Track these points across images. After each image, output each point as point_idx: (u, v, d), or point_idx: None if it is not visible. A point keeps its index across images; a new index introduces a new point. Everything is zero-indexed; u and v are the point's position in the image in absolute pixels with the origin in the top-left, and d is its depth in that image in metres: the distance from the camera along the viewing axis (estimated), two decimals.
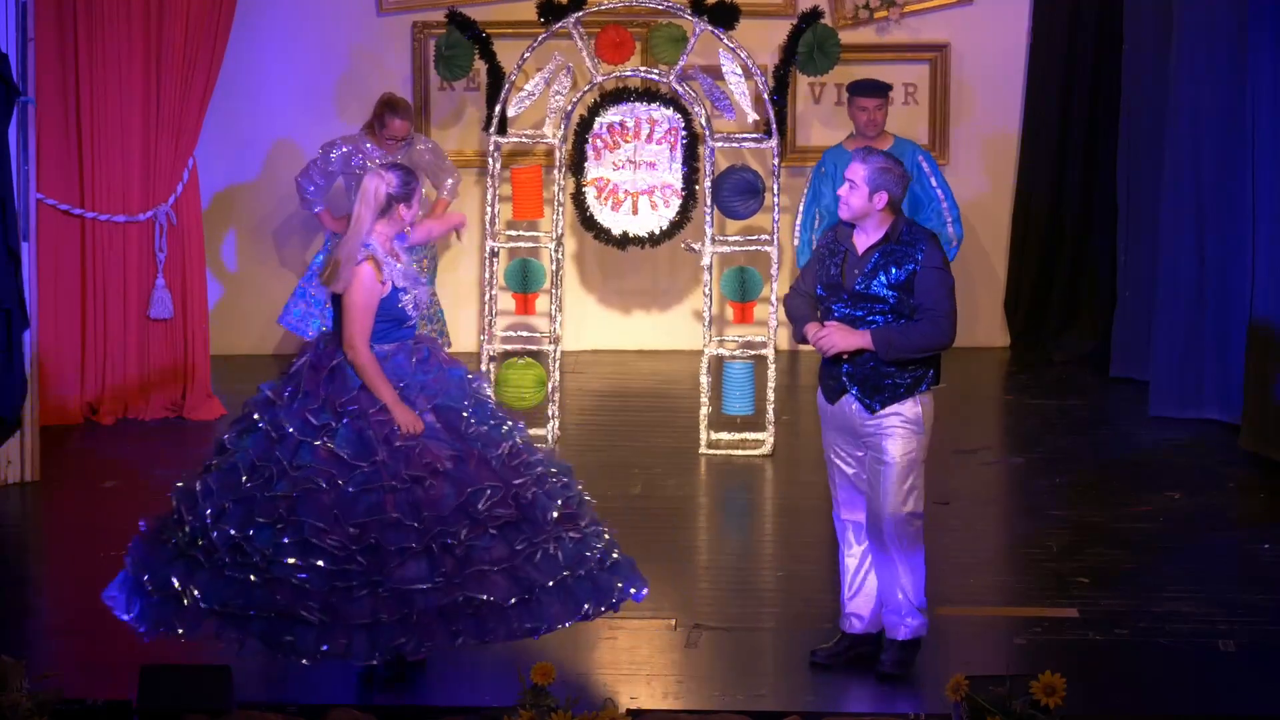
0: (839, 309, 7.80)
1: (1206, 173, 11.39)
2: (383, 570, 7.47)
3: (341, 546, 7.46)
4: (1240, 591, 8.82)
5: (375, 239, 7.75)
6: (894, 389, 7.82)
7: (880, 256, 7.76)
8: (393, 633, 7.47)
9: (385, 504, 7.52)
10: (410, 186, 7.79)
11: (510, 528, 7.64)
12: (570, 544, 7.75)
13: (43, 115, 10.73)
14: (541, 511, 7.72)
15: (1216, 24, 11.22)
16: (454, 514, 7.57)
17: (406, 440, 7.61)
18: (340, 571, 7.47)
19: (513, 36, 12.04)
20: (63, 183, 11.06)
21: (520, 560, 7.62)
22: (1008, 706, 7.00)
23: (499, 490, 7.64)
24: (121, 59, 11.07)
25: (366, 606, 7.46)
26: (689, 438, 11.08)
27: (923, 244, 7.76)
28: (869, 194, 7.73)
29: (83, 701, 7.45)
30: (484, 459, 7.71)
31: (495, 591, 7.54)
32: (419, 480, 7.57)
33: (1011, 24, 13.12)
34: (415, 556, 7.50)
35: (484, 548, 7.58)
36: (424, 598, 7.49)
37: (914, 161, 10.96)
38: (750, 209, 11.00)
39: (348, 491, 7.52)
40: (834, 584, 9.03)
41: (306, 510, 7.51)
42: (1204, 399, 11.50)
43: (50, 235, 11.03)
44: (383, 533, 7.49)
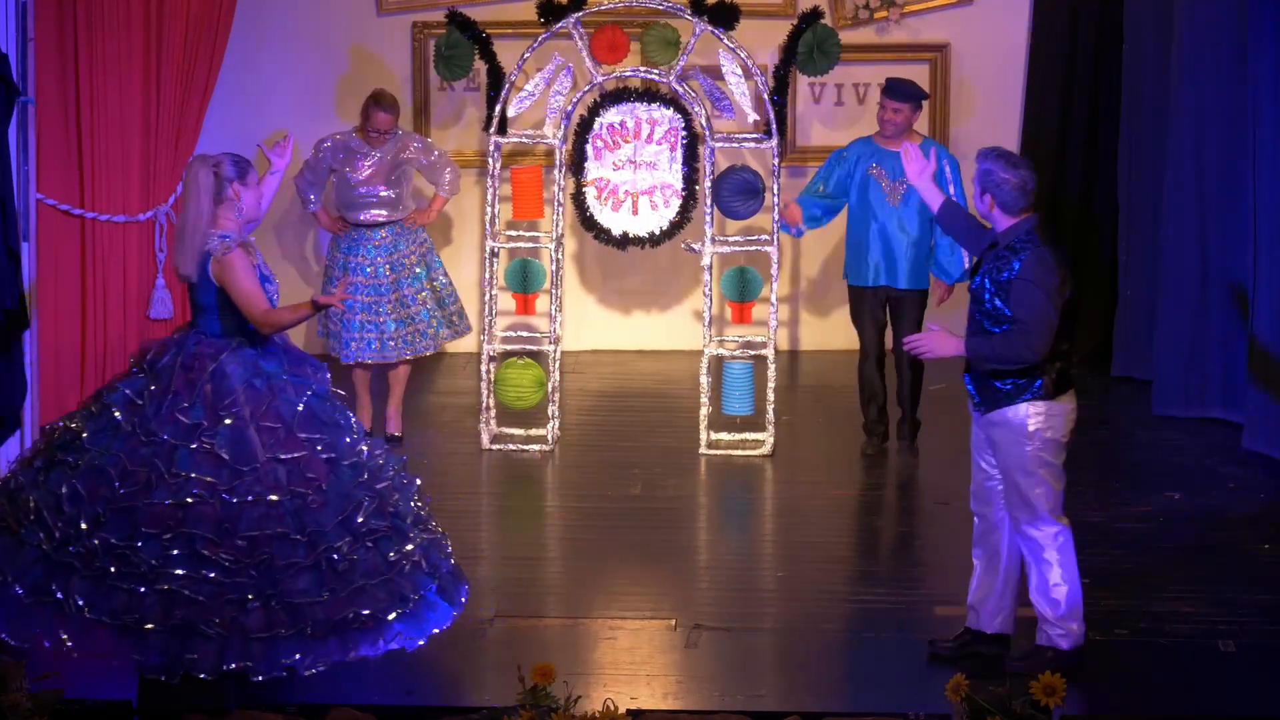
0: (970, 308, 7.94)
1: (1208, 171, 11.40)
2: (274, 584, 7.44)
3: (234, 560, 7.41)
4: (1240, 591, 8.82)
5: (231, 229, 7.78)
6: (997, 393, 7.88)
7: (989, 260, 7.87)
8: (290, 647, 7.44)
9: (272, 516, 7.48)
10: (242, 166, 7.86)
11: (384, 539, 7.65)
12: (429, 546, 7.79)
13: (43, 115, 10.72)
14: (404, 518, 7.74)
15: (1217, 24, 11.23)
16: (336, 528, 7.56)
17: (289, 453, 7.59)
18: (232, 584, 7.41)
19: (513, 36, 12.04)
20: (63, 183, 11.04)
21: (394, 574, 7.62)
22: (1008, 706, 7.00)
23: (373, 501, 7.65)
24: (121, 59, 11.05)
25: (262, 619, 7.42)
26: (689, 438, 11.07)
27: (1025, 253, 7.79)
28: (979, 193, 7.91)
29: (83, 701, 7.45)
30: (359, 465, 7.71)
31: (377, 605, 7.54)
32: (300, 494, 7.56)
33: (1011, 24, 13.12)
34: (304, 570, 7.48)
35: (364, 560, 7.58)
36: (314, 610, 7.46)
37: (938, 164, 10.70)
38: (750, 209, 11.00)
39: (233, 502, 7.47)
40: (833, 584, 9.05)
41: (195, 522, 7.43)
42: (1207, 398, 11.51)
43: (50, 235, 11.02)
44: (272, 545, 7.46)
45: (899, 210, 10.76)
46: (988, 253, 7.92)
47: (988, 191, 7.87)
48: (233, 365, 7.67)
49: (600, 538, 9.70)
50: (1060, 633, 7.91)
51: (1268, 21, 10.56)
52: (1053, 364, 7.84)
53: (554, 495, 10.65)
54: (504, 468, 10.89)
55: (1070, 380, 7.91)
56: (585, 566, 9.34)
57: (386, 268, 11.13)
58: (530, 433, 11.17)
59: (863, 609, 8.66)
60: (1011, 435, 7.85)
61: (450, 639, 8.12)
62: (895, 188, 10.75)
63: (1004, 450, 7.89)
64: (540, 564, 9.45)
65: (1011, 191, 7.85)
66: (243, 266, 7.69)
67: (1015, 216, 7.87)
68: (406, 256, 11.19)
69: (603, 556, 9.46)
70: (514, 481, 10.73)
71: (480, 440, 11.09)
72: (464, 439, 11.26)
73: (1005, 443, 7.88)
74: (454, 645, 8.16)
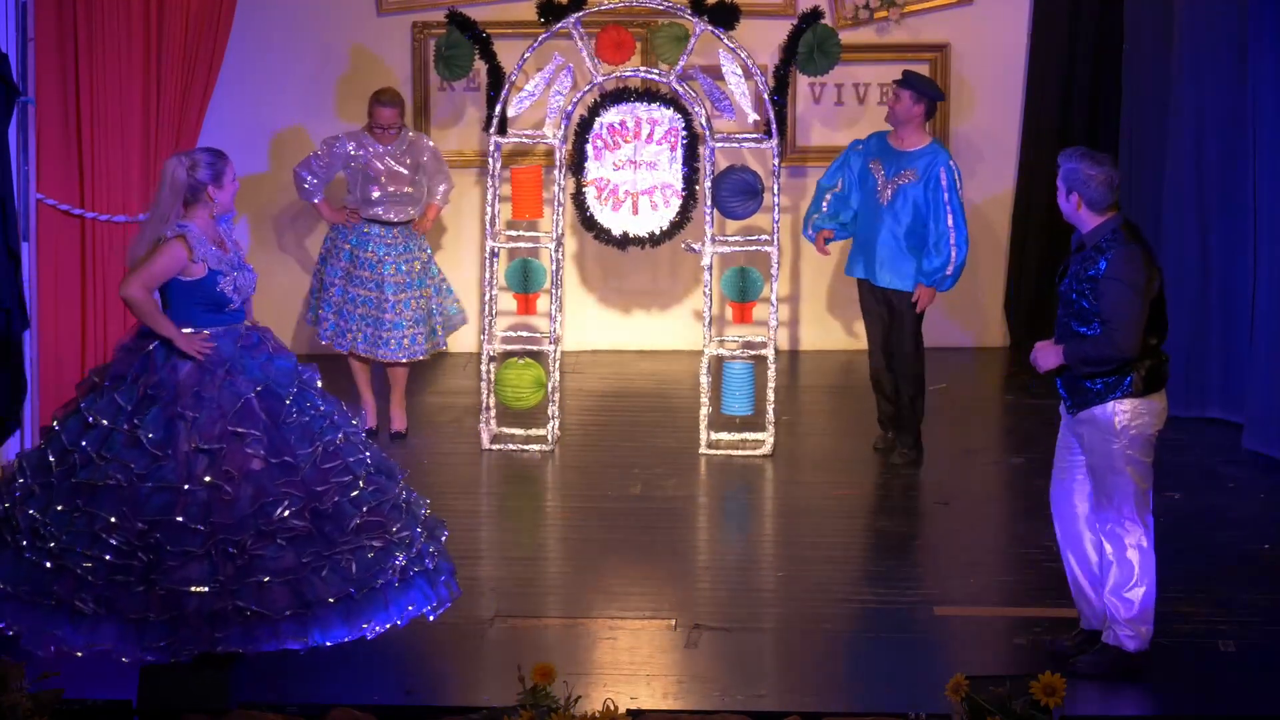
0: (1059, 309, 8.01)
1: (1208, 172, 11.40)
2: (161, 569, 7.54)
3: (126, 542, 7.56)
4: (1240, 591, 8.82)
5: (194, 223, 7.87)
6: (1087, 393, 7.92)
7: (1076, 261, 7.94)
8: (158, 632, 7.52)
9: (175, 505, 7.58)
10: (217, 168, 7.94)
11: (302, 540, 7.67)
12: (369, 554, 7.74)
13: (43, 115, 10.72)
14: (340, 521, 7.72)
15: (1217, 24, 11.22)
16: (243, 521, 7.61)
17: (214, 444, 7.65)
18: (122, 565, 7.55)
19: (513, 36, 12.04)
20: (63, 183, 11.04)
21: (307, 573, 7.64)
22: (1008, 706, 7.00)
23: (298, 500, 7.66)
24: (121, 59, 11.05)
25: (139, 602, 7.53)
26: (689, 438, 11.07)
27: (1111, 251, 7.85)
28: (1065, 192, 7.98)
29: (83, 701, 7.45)
30: (291, 465, 7.71)
31: (270, 603, 7.57)
32: (215, 486, 7.62)
33: (1011, 24, 13.11)
34: (196, 559, 7.56)
35: (270, 558, 7.61)
36: (196, 600, 7.53)
37: (934, 172, 10.57)
38: (749, 209, 11.00)
39: (144, 488, 7.61)
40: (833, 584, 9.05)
41: (101, 502, 7.61)
42: (1207, 398, 11.51)
43: (50, 235, 11.02)
44: (167, 533, 7.56)
45: (886, 210, 10.66)
46: (1074, 254, 7.98)
47: (1074, 190, 7.95)
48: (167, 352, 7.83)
49: (600, 538, 9.70)
50: (1129, 634, 7.93)
51: (1268, 21, 10.56)
52: (1143, 361, 7.89)
53: (554, 495, 10.65)
54: (504, 468, 10.89)
55: (1162, 377, 7.95)
56: (585, 566, 9.33)
57: (393, 267, 11.13)
58: (530, 433, 11.17)
59: (863, 609, 8.66)
60: (1100, 433, 7.90)
61: (450, 639, 8.13)
62: (886, 186, 10.67)
63: (1093, 448, 7.93)
64: (540, 564, 9.45)
65: (1099, 188, 7.91)
66: (169, 254, 7.82)
67: (1102, 215, 7.94)
68: (413, 260, 11.20)
69: (603, 556, 9.46)
70: (514, 481, 10.73)
71: (480, 440, 11.09)
72: (464, 439, 11.26)
73: (1094, 440, 7.92)
74: (454, 645, 8.16)
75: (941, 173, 10.58)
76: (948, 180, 10.57)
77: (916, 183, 10.56)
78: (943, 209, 10.56)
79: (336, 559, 7.69)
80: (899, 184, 10.61)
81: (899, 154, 10.65)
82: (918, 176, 10.56)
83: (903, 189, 10.61)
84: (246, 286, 7.99)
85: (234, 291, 7.91)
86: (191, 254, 7.82)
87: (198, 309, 7.89)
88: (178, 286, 7.90)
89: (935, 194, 10.57)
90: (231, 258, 7.96)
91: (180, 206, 7.92)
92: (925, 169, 10.55)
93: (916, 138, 10.65)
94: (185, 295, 7.89)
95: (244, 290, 7.97)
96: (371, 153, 11.19)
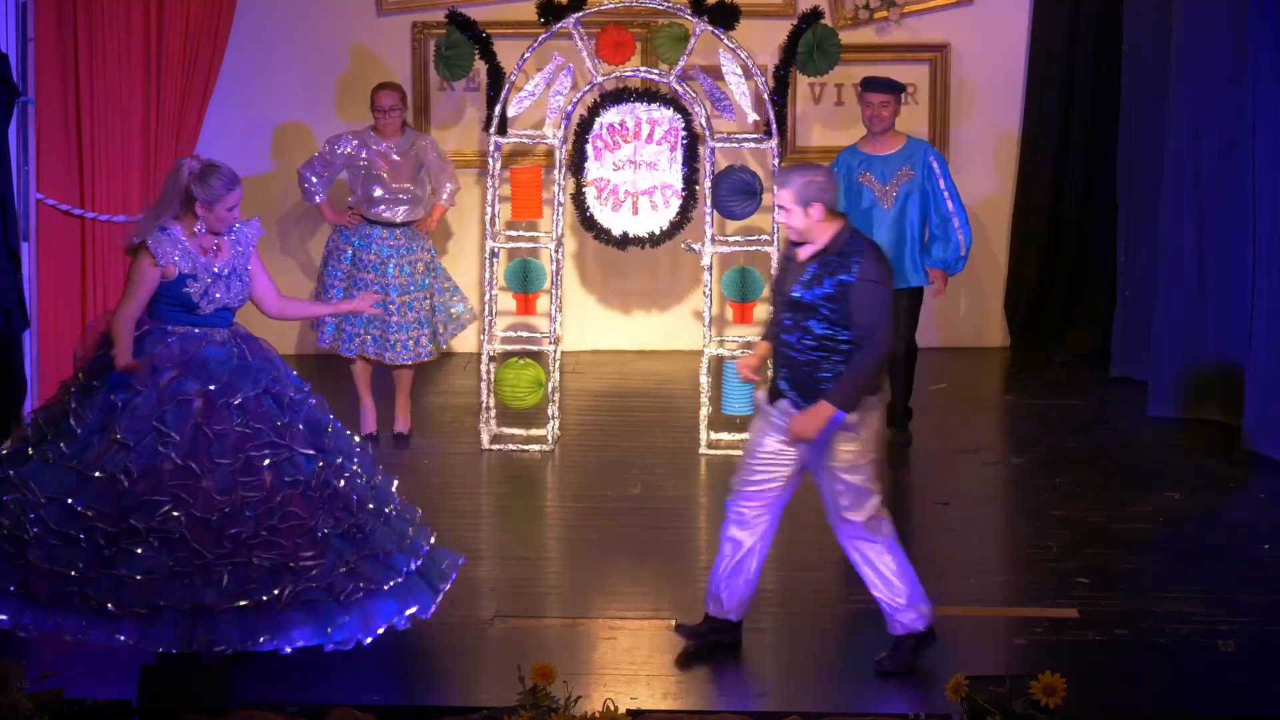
0: (782, 314, 7.91)
1: (1207, 172, 11.39)
2: (37, 545, 7.66)
3: (22, 513, 7.70)
4: (1240, 591, 8.82)
5: (179, 225, 7.97)
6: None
7: (818, 266, 7.85)
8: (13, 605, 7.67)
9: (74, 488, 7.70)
10: (215, 193, 7.97)
11: (175, 544, 7.67)
12: (249, 569, 7.71)
13: (43, 115, 10.72)
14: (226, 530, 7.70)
15: (1216, 23, 11.22)
16: (123, 513, 7.68)
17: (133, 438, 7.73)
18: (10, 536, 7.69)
19: (513, 36, 12.04)
20: (63, 183, 11.04)
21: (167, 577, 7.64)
22: (1008, 706, 7.00)
23: (184, 504, 7.67)
24: (121, 59, 11.05)
25: (9, 572, 7.67)
26: (689, 438, 11.07)
27: (859, 256, 7.81)
28: (803, 211, 7.81)
29: (83, 701, 7.45)
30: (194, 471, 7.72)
31: (120, 600, 7.61)
32: (113, 477, 7.69)
33: (1011, 24, 13.12)
34: (70, 543, 7.66)
35: (141, 556, 7.66)
36: (52, 581, 7.63)
37: (925, 163, 10.83)
38: (747, 210, 11.00)
39: (64, 469, 7.74)
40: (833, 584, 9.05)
41: (26, 474, 7.78)
42: (1204, 399, 11.50)
43: (50, 235, 11.02)
44: (55, 512, 7.68)
45: (892, 213, 10.79)
46: (807, 262, 7.86)
47: (813, 201, 7.81)
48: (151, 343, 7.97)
49: (600, 538, 9.70)
50: (915, 616, 8.00)
51: (1267, 22, 10.55)
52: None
53: (554, 495, 10.65)
54: (504, 468, 10.89)
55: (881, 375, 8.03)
56: (585, 566, 9.33)
57: (396, 269, 11.13)
58: (530, 433, 11.17)
59: (863, 609, 8.65)
60: (840, 432, 7.87)
61: (450, 639, 8.12)
62: (887, 191, 10.79)
63: (830, 449, 7.89)
64: (540, 564, 9.45)
65: (834, 191, 7.89)
66: (138, 270, 7.94)
67: (836, 220, 7.89)
68: (415, 261, 11.19)
69: (603, 556, 9.46)
70: (514, 481, 10.73)
71: (480, 440, 11.08)
72: (464, 439, 11.26)
73: (833, 440, 7.88)
74: (454, 645, 8.16)
75: (933, 162, 10.87)
76: (940, 167, 10.83)
77: (915, 179, 10.71)
78: (941, 196, 10.77)
79: (213, 568, 7.69)
80: (899, 185, 10.70)
81: (886, 158, 10.81)
82: (914, 172, 10.70)
83: (904, 189, 10.70)
84: (225, 297, 8.03)
85: (203, 298, 7.96)
86: (153, 260, 7.90)
87: (166, 306, 8.01)
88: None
89: (932, 183, 10.76)
90: (215, 265, 8.01)
91: (178, 205, 8.00)
92: (917, 163, 10.72)
93: (897, 138, 10.88)
94: (159, 291, 8.02)
95: (219, 300, 8.01)
96: (374, 151, 11.19)
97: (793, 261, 7.95)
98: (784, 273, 7.98)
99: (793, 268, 7.93)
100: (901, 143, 10.91)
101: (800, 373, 7.88)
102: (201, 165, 8.01)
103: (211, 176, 7.98)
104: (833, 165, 10.97)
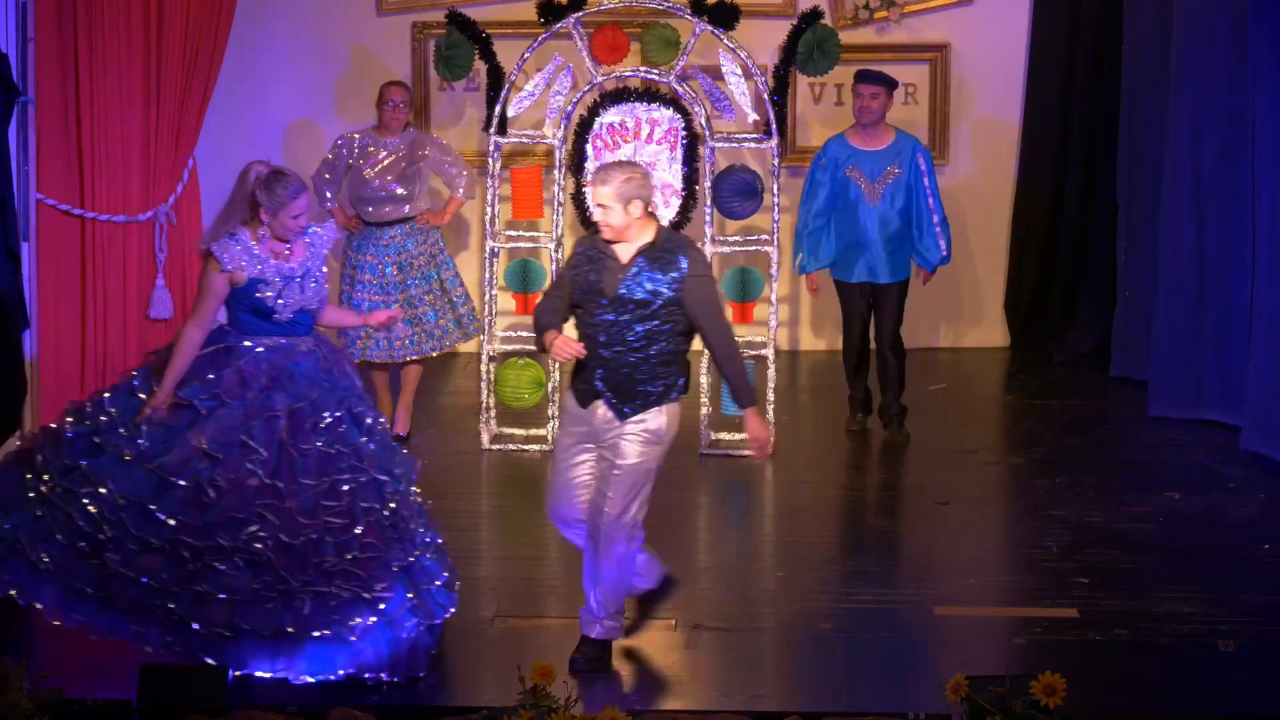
0: (600, 314, 7.83)
1: (1206, 172, 11.40)
2: (117, 548, 7.57)
3: (100, 514, 7.60)
4: (1240, 591, 8.82)
5: (246, 230, 7.87)
6: (645, 397, 7.85)
7: (645, 261, 7.81)
8: (87, 607, 7.59)
9: (157, 493, 7.60)
10: (280, 200, 7.86)
11: (259, 566, 7.61)
12: (331, 601, 7.66)
13: (43, 115, 10.71)
14: (311, 558, 7.64)
15: (1216, 24, 11.22)
16: (206, 529, 7.59)
17: (220, 450, 7.64)
18: (87, 534, 7.59)
19: (513, 36, 12.04)
20: (63, 183, 11.04)
21: (251, 600, 7.59)
22: (1008, 706, 7.00)
23: (269, 527, 7.60)
24: (121, 59, 11.05)
25: (84, 573, 7.58)
26: (689, 438, 11.06)
27: (684, 251, 7.82)
28: (624, 208, 7.77)
29: (83, 701, 7.45)
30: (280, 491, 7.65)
31: (201, 616, 7.56)
32: (200, 488, 7.60)
33: (1011, 24, 13.12)
34: (151, 551, 7.58)
35: (224, 573, 7.58)
36: (135, 590, 7.56)
37: (912, 160, 10.90)
38: (748, 210, 11.00)
39: (139, 469, 7.63)
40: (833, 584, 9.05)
41: (100, 469, 7.67)
42: (1204, 399, 11.50)
43: (50, 235, 11.02)
44: (136, 517, 7.58)
45: (879, 209, 10.86)
46: (635, 258, 7.80)
47: (635, 198, 7.75)
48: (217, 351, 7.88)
49: None
50: (616, 625, 8.01)
51: (1267, 22, 10.55)
52: (687, 364, 7.96)
53: None
54: (504, 468, 10.89)
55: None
56: None
57: (394, 268, 11.13)
58: (530, 433, 11.17)
59: (862, 609, 8.66)
60: (646, 436, 7.85)
61: (450, 639, 8.12)
62: (874, 187, 10.84)
63: (630, 451, 7.84)
64: (540, 564, 9.44)
65: (649, 188, 7.85)
66: (207, 280, 7.85)
67: (653, 219, 7.88)
68: (415, 257, 11.20)
69: None
70: (514, 481, 10.72)
71: (480, 440, 11.09)
72: (464, 439, 11.26)
73: (636, 444, 7.84)
74: (454, 645, 8.16)
75: (920, 159, 10.92)
76: (927, 164, 10.93)
77: (901, 176, 10.79)
78: (924, 192, 10.81)
79: (293, 595, 7.62)
80: (886, 181, 10.74)
81: (875, 153, 10.85)
82: (901, 170, 10.76)
83: (890, 186, 10.75)
84: (300, 300, 7.90)
85: (277, 302, 7.85)
86: (218, 266, 7.81)
87: (244, 314, 7.89)
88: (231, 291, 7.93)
89: (916, 180, 10.82)
90: (287, 268, 7.90)
91: (245, 210, 7.91)
92: (905, 161, 10.77)
93: (886, 132, 10.90)
94: (233, 299, 7.91)
95: (294, 303, 7.88)
96: (365, 151, 11.19)
97: (610, 260, 7.83)
98: (600, 273, 7.83)
99: (612, 267, 7.82)
100: (891, 138, 10.94)
101: (619, 374, 7.82)
102: (268, 171, 7.89)
103: (277, 184, 7.86)
104: (819, 155, 11.03)
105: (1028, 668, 7.60)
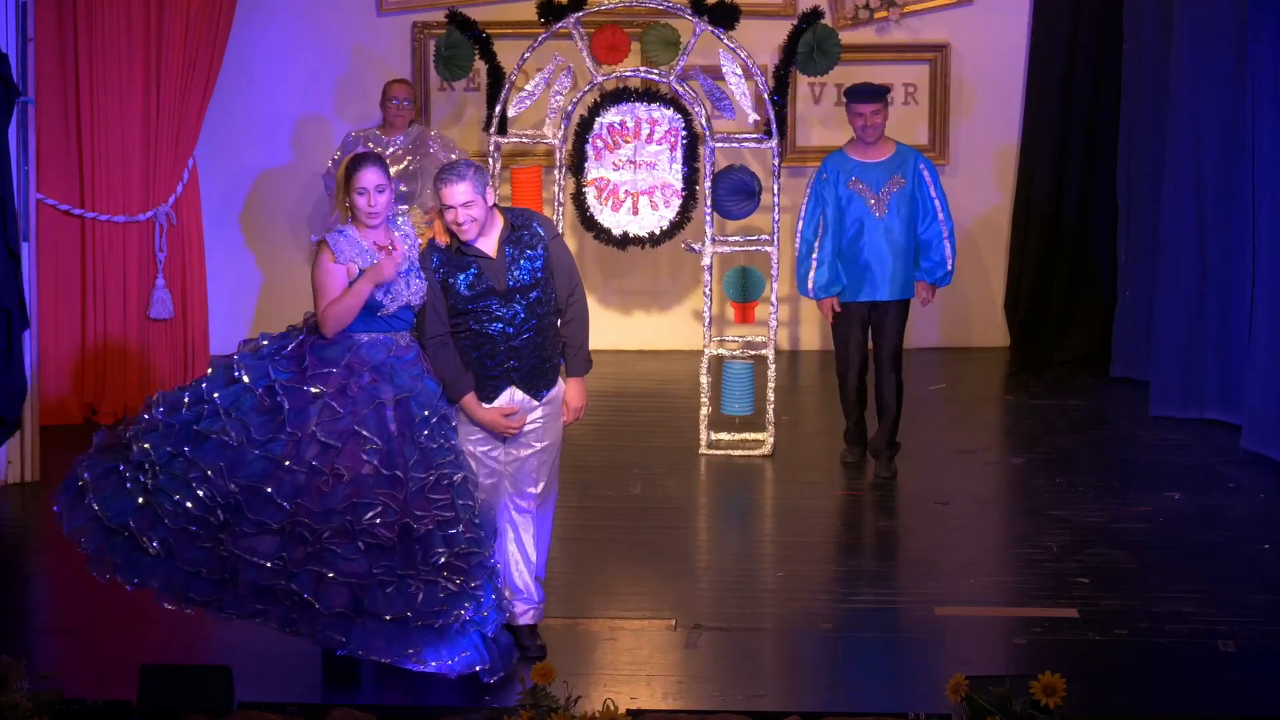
0: (498, 310, 7.85)
1: (1207, 172, 11.40)
2: (232, 531, 7.57)
3: (211, 497, 7.59)
4: (1240, 591, 8.82)
5: (352, 228, 7.84)
6: (552, 374, 8.01)
7: (512, 248, 7.87)
8: (204, 588, 7.58)
9: (271, 477, 7.60)
10: (333, 173, 7.89)
11: (382, 551, 7.62)
12: (440, 593, 7.68)
13: (43, 115, 10.73)
14: (426, 549, 7.67)
15: (1216, 24, 11.22)
16: (327, 513, 7.60)
17: (334, 439, 7.63)
18: (199, 518, 7.59)
19: (513, 36, 12.05)
20: (63, 183, 11.06)
21: (373, 584, 7.60)
22: (1008, 706, 7.00)
23: (392, 513, 7.62)
24: (121, 59, 11.07)
25: (199, 556, 7.58)
26: (689, 438, 11.07)
27: (533, 220, 7.96)
28: (483, 197, 7.81)
29: (83, 701, 7.45)
30: (399, 480, 7.67)
31: (323, 597, 7.56)
32: (318, 473, 7.61)
33: (1011, 24, 13.12)
34: (269, 533, 7.58)
35: (343, 556, 7.59)
36: (253, 571, 7.56)
37: (915, 170, 10.57)
38: (745, 210, 10.99)
39: (251, 453, 7.62)
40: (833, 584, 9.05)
41: (206, 453, 7.63)
42: (1204, 399, 11.50)
43: (50, 235, 11.03)
44: (252, 499, 7.58)
45: (885, 222, 10.53)
46: (501, 248, 7.85)
47: (486, 185, 7.83)
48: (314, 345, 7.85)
49: (600, 538, 9.70)
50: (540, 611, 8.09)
51: (1267, 23, 10.55)
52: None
53: None
54: None
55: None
56: (585, 566, 9.33)
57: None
58: None
59: (862, 609, 8.66)
60: (556, 410, 8.01)
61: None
62: (880, 199, 10.56)
63: (547, 431, 7.97)
64: None
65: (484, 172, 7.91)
66: (320, 268, 7.79)
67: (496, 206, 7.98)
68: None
69: (603, 556, 9.46)
70: None
71: None
72: None
73: (551, 422, 7.98)
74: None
75: (924, 170, 10.57)
76: (931, 175, 10.57)
77: (906, 186, 10.53)
78: (930, 204, 10.52)
79: (408, 582, 7.64)
80: (891, 193, 10.54)
81: (877, 165, 10.54)
82: (905, 180, 10.53)
83: (895, 197, 10.54)
84: (406, 294, 7.86)
85: (386, 295, 7.80)
86: (332, 256, 7.79)
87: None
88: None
89: (922, 191, 10.53)
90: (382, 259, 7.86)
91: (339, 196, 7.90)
92: (909, 171, 10.51)
93: (886, 144, 10.59)
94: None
95: (402, 297, 7.83)
96: (375, 147, 11.21)
97: (481, 259, 7.85)
98: (479, 274, 7.84)
99: (488, 264, 7.85)
100: (891, 150, 10.63)
101: (531, 359, 7.90)
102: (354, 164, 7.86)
103: (343, 159, 7.91)
104: (821, 170, 10.74)
105: (1028, 668, 7.61)
